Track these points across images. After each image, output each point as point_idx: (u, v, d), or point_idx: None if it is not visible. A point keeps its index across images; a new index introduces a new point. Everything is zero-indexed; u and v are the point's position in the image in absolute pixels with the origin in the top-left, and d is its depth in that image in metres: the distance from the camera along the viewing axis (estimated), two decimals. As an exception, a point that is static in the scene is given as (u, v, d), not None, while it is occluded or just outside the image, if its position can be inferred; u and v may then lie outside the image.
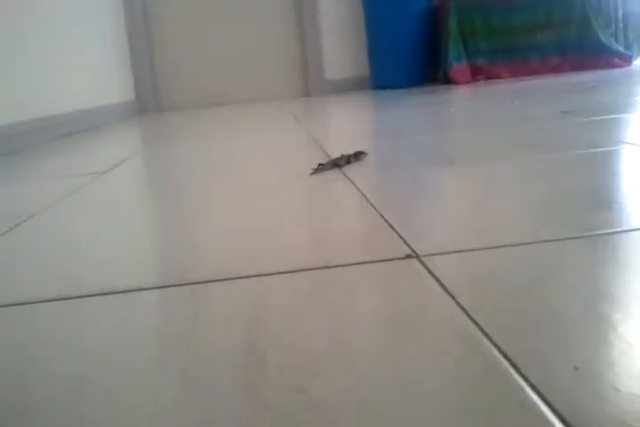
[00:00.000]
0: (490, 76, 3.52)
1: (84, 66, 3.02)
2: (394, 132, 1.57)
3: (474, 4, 3.56)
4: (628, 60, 3.58)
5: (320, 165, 1.07)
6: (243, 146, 1.61)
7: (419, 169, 1.01)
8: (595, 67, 3.50)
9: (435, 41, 3.65)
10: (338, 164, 1.08)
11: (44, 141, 2.38)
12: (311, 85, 3.95)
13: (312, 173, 1.05)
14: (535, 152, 1.07)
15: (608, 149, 1.03)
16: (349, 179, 0.98)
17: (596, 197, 0.72)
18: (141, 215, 0.91)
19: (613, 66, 3.49)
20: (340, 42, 3.93)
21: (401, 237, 0.63)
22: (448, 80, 3.47)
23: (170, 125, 2.77)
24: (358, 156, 1.12)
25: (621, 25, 3.84)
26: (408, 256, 0.57)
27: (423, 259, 0.55)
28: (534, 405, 0.31)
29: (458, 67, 3.47)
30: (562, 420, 0.30)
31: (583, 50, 3.55)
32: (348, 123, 2.06)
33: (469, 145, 1.26)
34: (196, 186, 1.09)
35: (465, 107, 2.17)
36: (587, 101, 1.88)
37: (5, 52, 2.24)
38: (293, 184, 1.00)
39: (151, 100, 3.92)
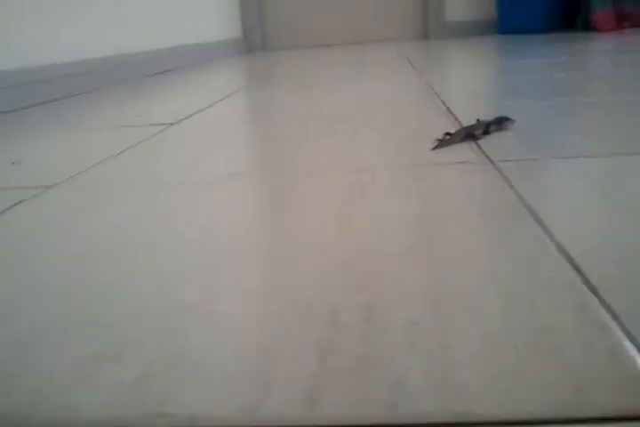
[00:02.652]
0: (637, 24, 3.06)
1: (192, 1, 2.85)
2: (540, 91, 1.28)
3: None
4: None
5: (447, 134, 0.81)
6: (354, 97, 1.38)
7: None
8: None
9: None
10: (472, 134, 0.79)
11: (150, 74, 2.24)
12: (430, 27, 3.61)
13: (435, 147, 0.76)
14: None
15: None
16: (503, 176, 0.71)
17: None
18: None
19: None
20: (467, -21, 3.54)
21: None
22: (588, 27, 3.05)
23: (279, 66, 2.56)
24: (501, 123, 0.82)
25: None
26: None
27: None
28: None
29: (602, 12, 3.03)
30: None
31: None
32: (477, 74, 1.78)
33: None
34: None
35: None
36: None
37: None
38: (408, 172, 0.73)
39: (258, 38, 3.70)
